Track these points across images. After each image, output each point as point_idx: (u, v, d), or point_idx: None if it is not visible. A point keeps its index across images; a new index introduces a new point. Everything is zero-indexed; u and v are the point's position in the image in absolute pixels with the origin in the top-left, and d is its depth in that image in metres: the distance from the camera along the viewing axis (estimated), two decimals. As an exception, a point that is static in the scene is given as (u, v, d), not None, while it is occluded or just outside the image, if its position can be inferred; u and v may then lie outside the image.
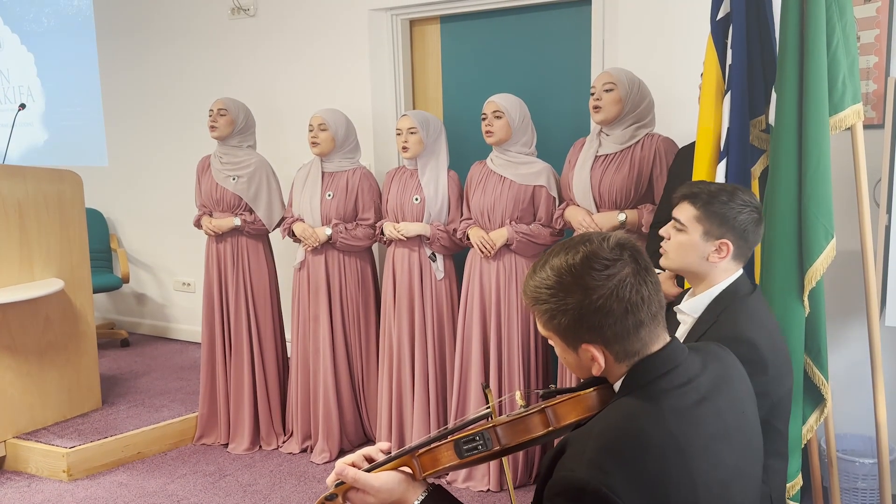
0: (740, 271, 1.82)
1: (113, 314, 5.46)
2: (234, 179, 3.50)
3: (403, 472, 1.28)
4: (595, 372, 1.20)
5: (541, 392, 1.29)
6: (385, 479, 1.26)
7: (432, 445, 1.27)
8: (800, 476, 2.19)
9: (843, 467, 2.76)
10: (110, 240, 5.22)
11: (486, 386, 1.35)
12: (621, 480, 1.06)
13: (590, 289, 1.13)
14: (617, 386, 1.21)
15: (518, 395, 1.32)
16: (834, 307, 2.82)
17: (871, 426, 2.42)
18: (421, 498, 1.25)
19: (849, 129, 2.20)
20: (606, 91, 2.78)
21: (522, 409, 1.27)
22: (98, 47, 5.11)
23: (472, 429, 1.26)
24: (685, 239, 1.79)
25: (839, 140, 2.37)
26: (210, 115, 3.50)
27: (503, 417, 1.27)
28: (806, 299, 2.16)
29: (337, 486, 1.29)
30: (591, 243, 1.17)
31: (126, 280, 4.95)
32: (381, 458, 1.31)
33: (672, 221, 1.84)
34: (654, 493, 1.07)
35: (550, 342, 1.25)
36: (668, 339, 1.21)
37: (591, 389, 1.24)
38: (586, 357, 1.19)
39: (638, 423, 1.12)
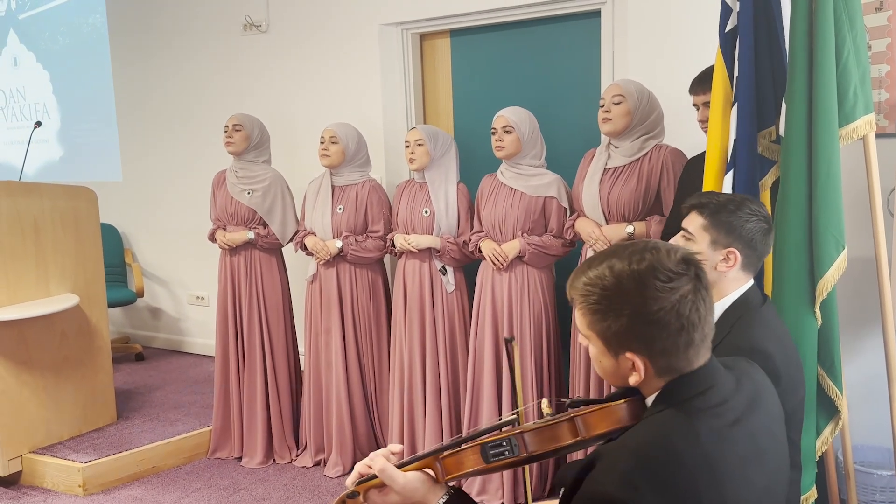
0: (751, 282, 1.82)
1: (128, 328, 5.50)
2: (249, 193, 3.53)
3: (426, 473, 1.28)
4: (632, 382, 1.17)
5: (567, 402, 1.26)
6: (410, 476, 1.26)
7: (457, 449, 1.25)
8: (814, 489, 2.17)
9: (861, 479, 2.73)
10: (125, 254, 5.26)
11: (510, 339, 1.30)
12: (652, 498, 1.04)
13: (650, 299, 1.11)
14: (649, 400, 1.19)
15: (545, 402, 1.30)
16: (849, 317, 2.80)
17: (889, 437, 2.40)
18: (442, 500, 1.25)
19: (861, 138, 2.19)
20: (616, 103, 2.78)
21: (550, 417, 1.24)
22: (112, 64, 5.18)
23: (498, 434, 1.24)
24: (694, 248, 1.80)
25: (852, 148, 2.36)
26: (225, 131, 3.53)
27: (530, 424, 1.24)
28: (818, 310, 2.15)
29: (358, 483, 1.29)
30: (658, 252, 1.14)
31: (140, 294, 4.99)
32: (393, 460, 1.31)
33: (681, 231, 1.85)
34: None
35: (585, 342, 1.21)
36: (707, 357, 1.18)
37: (622, 401, 1.20)
38: (626, 366, 1.16)
39: (672, 441, 1.10)
